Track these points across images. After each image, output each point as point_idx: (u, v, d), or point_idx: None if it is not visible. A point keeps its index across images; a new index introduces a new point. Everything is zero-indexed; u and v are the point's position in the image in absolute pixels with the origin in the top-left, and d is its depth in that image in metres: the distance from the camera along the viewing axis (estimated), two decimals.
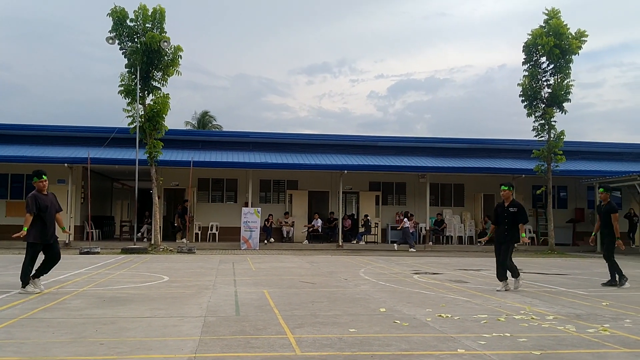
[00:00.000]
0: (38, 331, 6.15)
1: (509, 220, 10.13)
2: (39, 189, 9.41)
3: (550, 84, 24.40)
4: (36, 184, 9.45)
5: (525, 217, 10.29)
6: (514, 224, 10.14)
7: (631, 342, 5.92)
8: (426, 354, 5.29)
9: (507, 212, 10.16)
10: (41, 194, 9.37)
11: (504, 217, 10.19)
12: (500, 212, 10.33)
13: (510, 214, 10.13)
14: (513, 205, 10.23)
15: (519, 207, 10.24)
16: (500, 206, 10.40)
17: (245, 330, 6.31)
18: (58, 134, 27.40)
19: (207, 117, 48.93)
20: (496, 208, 10.59)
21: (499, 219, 10.32)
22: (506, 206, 10.25)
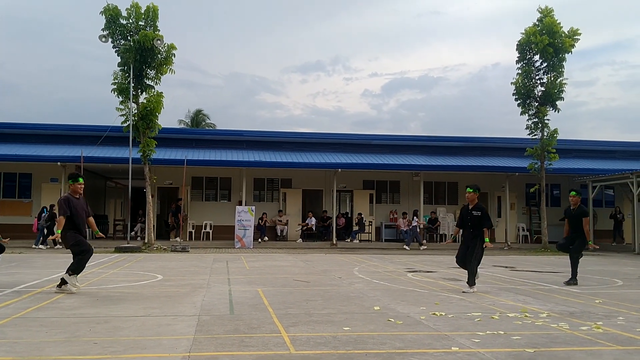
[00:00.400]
0: (31, 330, 6.13)
1: (472, 224, 9.84)
2: (72, 191, 9.45)
3: (544, 83, 24.48)
4: (71, 186, 9.49)
5: (490, 222, 9.91)
6: (478, 227, 9.78)
7: (624, 340, 5.94)
8: (420, 352, 5.30)
9: (471, 216, 9.88)
10: (73, 197, 9.38)
11: (468, 220, 9.92)
12: (464, 215, 10.09)
13: (473, 217, 9.84)
14: (477, 209, 9.91)
15: (482, 211, 9.90)
16: (465, 209, 10.16)
17: (240, 329, 6.30)
18: (51, 133, 27.31)
19: (200, 115, 48.83)
20: (461, 211, 10.35)
21: (464, 222, 10.07)
22: (470, 209, 9.98)
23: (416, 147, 29.54)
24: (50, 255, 17.68)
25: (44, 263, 14.91)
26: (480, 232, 9.75)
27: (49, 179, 25.24)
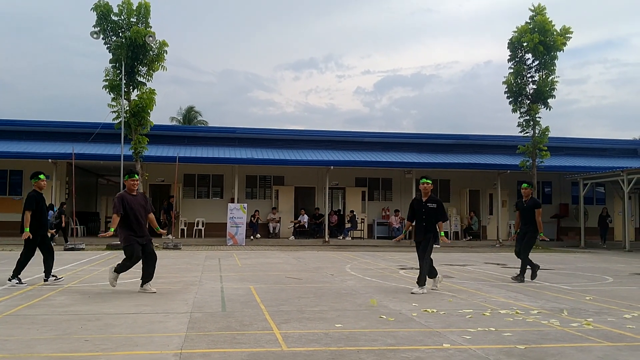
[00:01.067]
0: (22, 328, 6.10)
1: (427, 217, 9.26)
2: (128, 188, 9.13)
3: (535, 80, 24.60)
4: (126, 183, 9.20)
5: (445, 215, 9.53)
6: (433, 221, 9.29)
7: (614, 336, 5.99)
8: (412, 349, 5.32)
9: (426, 208, 9.30)
10: (129, 194, 9.04)
11: (422, 213, 9.31)
12: (417, 208, 9.43)
13: (428, 210, 9.28)
14: (432, 200, 9.39)
15: (438, 203, 9.41)
16: (418, 201, 9.52)
17: (232, 326, 6.30)
18: (42, 129, 27.20)
19: (192, 112, 48.70)
20: (412, 203, 9.65)
21: (416, 215, 9.44)
22: (424, 202, 9.37)
23: (408, 145, 29.61)
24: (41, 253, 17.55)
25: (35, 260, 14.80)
26: (434, 227, 9.28)
27: None
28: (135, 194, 9.10)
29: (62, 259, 15.26)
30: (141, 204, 9.06)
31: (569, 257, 18.97)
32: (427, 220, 9.24)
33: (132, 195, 9.05)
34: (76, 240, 21.14)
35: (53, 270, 10.22)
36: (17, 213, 24.83)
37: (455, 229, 27.41)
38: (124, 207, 8.84)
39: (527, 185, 11.45)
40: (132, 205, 8.90)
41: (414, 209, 9.51)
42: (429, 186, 9.43)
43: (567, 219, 28.34)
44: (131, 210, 8.86)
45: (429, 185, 9.44)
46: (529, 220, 11.16)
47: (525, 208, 11.26)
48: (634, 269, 14.23)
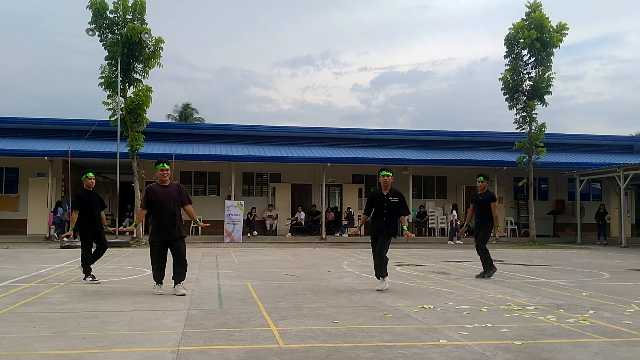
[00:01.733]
0: (19, 326, 6.09)
1: (388, 211, 8.91)
2: (158, 179, 8.47)
3: (532, 77, 24.64)
4: (156, 173, 8.49)
5: (407, 209, 9.20)
6: (395, 215, 8.95)
7: (610, 332, 6.00)
8: (409, 345, 5.33)
9: (387, 202, 8.92)
10: (160, 185, 8.39)
11: (383, 207, 8.93)
12: (378, 201, 9.00)
13: (390, 203, 8.92)
14: (394, 194, 9.00)
15: (400, 196, 9.06)
16: (379, 195, 9.06)
17: (229, 323, 6.30)
18: (38, 127, 27.13)
19: (189, 109, 48.64)
20: (372, 196, 9.18)
21: (376, 208, 9.03)
22: (385, 195, 8.97)
23: (405, 142, 29.63)
24: (38, 250, 17.56)
25: (31, 258, 14.82)
26: (394, 221, 8.95)
27: (36, 173, 25.05)
28: (166, 185, 8.41)
29: (59, 256, 15.26)
30: (173, 196, 8.32)
31: (565, 253, 19.02)
32: (387, 214, 8.90)
33: (163, 187, 8.38)
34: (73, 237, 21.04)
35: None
36: (13, 211, 24.94)
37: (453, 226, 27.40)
38: (149, 201, 8.27)
39: (483, 179, 11.12)
40: (160, 198, 8.22)
41: (374, 202, 9.04)
42: (389, 179, 9.01)
43: (564, 215, 28.40)
44: (158, 203, 8.21)
45: (389, 177, 9.01)
46: (485, 214, 10.91)
47: (481, 201, 10.96)
48: (630, 265, 14.28)
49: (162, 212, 8.21)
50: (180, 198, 8.42)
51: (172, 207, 8.28)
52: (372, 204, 9.09)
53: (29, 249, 18.17)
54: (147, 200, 8.30)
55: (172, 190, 8.39)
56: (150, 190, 8.35)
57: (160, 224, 8.22)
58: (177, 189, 8.51)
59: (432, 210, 27.39)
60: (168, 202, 8.24)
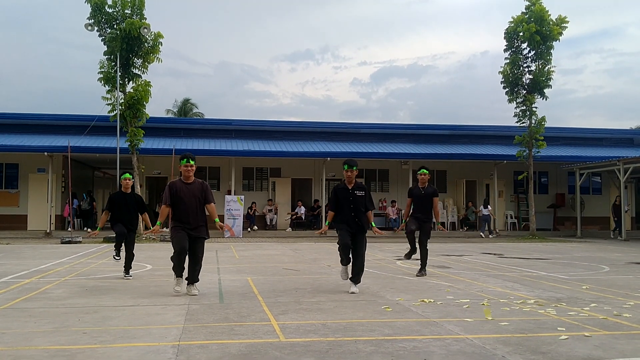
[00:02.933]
0: (20, 321, 6.09)
1: (355, 206, 8.35)
2: (182, 175, 8.00)
3: (532, 70, 24.60)
4: (180, 168, 8.03)
5: (373, 203, 8.72)
6: (361, 210, 8.42)
7: (610, 325, 6.01)
8: (409, 339, 5.33)
9: (353, 197, 8.37)
10: (183, 182, 7.93)
11: (349, 201, 8.36)
12: (343, 196, 8.42)
13: (356, 197, 8.38)
14: (359, 188, 8.48)
15: (365, 190, 8.56)
16: (343, 189, 8.49)
17: (229, 318, 6.31)
18: (38, 123, 27.10)
19: (188, 104, 48.55)
20: (336, 191, 8.59)
21: (343, 203, 8.40)
22: (351, 189, 8.42)
23: (405, 136, 29.60)
24: (38, 246, 17.58)
25: (32, 254, 14.83)
26: (364, 217, 8.43)
27: (36, 169, 25.04)
28: (190, 182, 7.94)
29: (59, 252, 15.27)
30: (195, 194, 7.87)
31: (565, 246, 19.03)
32: (355, 209, 8.33)
33: (186, 183, 7.91)
34: (73, 233, 21.11)
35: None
36: (13, 207, 24.94)
37: (452, 220, 27.47)
38: (172, 197, 7.86)
39: (426, 171, 10.38)
40: (182, 195, 7.81)
41: (339, 197, 8.48)
42: (353, 173, 8.46)
43: (564, 209, 28.41)
44: (180, 201, 7.80)
45: (353, 172, 8.46)
46: (426, 208, 10.28)
47: (424, 196, 10.30)
48: (630, 258, 14.29)
49: (183, 211, 7.79)
50: (203, 196, 7.97)
51: (195, 205, 7.85)
52: (337, 199, 8.51)
53: (29, 245, 18.19)
54: (170, 197, 7.86)
55: (195, 188, 7.91)
56: (172, 186, 7.94)
57: (181, 222, 7.79)
58: (200, 186, 7.99)
59: None
60: (190, 200, 7.81)
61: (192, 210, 7.80)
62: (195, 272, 7.93)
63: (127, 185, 9.88)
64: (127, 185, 9.88)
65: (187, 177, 7.92)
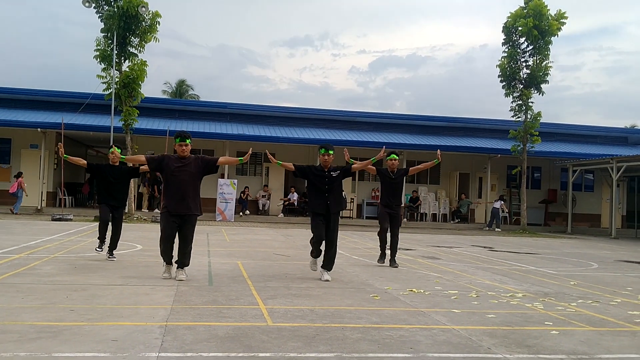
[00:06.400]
0: (7, 296, 6.07)
1: (330, 188, 8.17)
2: (178, 153, 7.66)
3: (529, 65, 24.58)
4: (175, 147, 7.69)
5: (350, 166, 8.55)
6: (339, 191, 8.35)
7: (596, 321, 6.05)
8: (396, 327, 5.35)
9: (329, 178, 8.18)
10: (178, 158, 7.60)
11: (325, 183, 8.17)
12: (317, 179, 8.23)
13: (333, 179, 8.20)
14: (334, 169, 8.29)
15: (342, 169, 8.41)
16: (318, 170, 8.31)
17: (218, 300, 6.31)
18: (31, 98, 26.86)
19: (184, 86, 48.31)
20: (310, 168, 8.44)
21: (317, 187, 8.23)
22: (327, 171, 8.23)
23: (400, 126, 29.57)
24: (29, 222, 17.52)
25: (22, 229, 14.78)
26: (339, 198, 8.36)
27: (28, 145, 24.89)
28: (185, 159, 7.59)
29: (49, 229, 15.22)
30: (190, 171, 7.54)
31: (555, 242, 19.13)
32: (329, 191, 8.15)
33: (181, 159, 7.58)
34: (64, 210, 21.03)
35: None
36: (5, 182, 24.79)
37: (444, 212, 27.55)
38: (161, 168, 7.60)
39: (396, 157, 10.20)
40: (174, 170, 7.48)
41: (311, 180, 8.31)
42: (330, 158, 8.25)
43: (555, 205, 28.53)
44: (171, 176, 7.50)
45: (330, 157, 8.24)
46: (398, 193, 10.14)
47: (394, 179, 10.07)
48: (619, 256, 14.38)
49: (174, 186, 7.49)
50: (202, 170, 7.65)
51: (187, 182, 7.50)
52: (307, 174, 8.32)
53: (20, 221, 18.12)
54: (156, 161, 7.66)
55: (190, 165, 7.57)
56: (166, 157, 7.67)
57: (171, 199, 7.50)
58: (196, 162, 7.63)
59: (425, 195, 27.45)
60: (183, 177, 7.49)
61: (183, 187, 7.49)
62: (185, 256, 7.67)
63: (115, 159, 9.57)
64: (115, 159, 9.56)
65: (183, 156, 7.61)
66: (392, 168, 10.10)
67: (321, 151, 8.29)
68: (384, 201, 10.08)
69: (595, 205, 29.27)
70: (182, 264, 7.68)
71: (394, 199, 10.05)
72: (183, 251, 7.68)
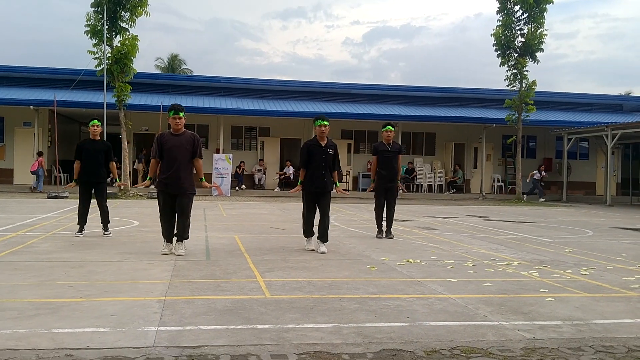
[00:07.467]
0: (5, 274, 6.09)
1: (326, 164, 8.26)
2: (172, 127, 7.68)
3: (524, 33, 24.37)
4: (169, 120, 7.69)
5: (340, 165, 8.65)
6: (331, 169, 8.38)
7: (591, 287, 6.11)
8: (393, 297, 5.40)
9: (326, 154, 8.25)
10: (172, 134, 7.63)
11: (322, 159, 8.23)
12: (317, 153, 8.25)
13: (329, 156, 8.29)
14: (331, 146, 8.35)
15: (336, 149, 8.47)
16: (316, 146, 8.30)
17: (216, 274, 6.34)
18: (23, 76, 26.58)
19: (176, 60, 47.89)
20: (308, 148, 8.33)
21: (315, 161, 8.23)
22: (324, 146, 8.27)
23: (395, 97, 29.44)
24: (24, 200, 17.49)
25: (18, 208, 14.77)
26: (331, 176, 8.39)
27: (22, 122, 24.73)
28: (179, 134, 7.61)
29: (46, 206, 15.21)
30: (185, 146, 7.56)
31: (550, 210, 19.22)
32: (326, 167, 8.24)
33: (175, 135, 7.60)
34: (60, 188, 20.98)
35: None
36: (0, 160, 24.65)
37: (440, 182, 27.61)
38: (160, 149, 7.60)
39: (391, 128, 10.02)
40: (170, 146, 7.51)
41: (311, 154, 8.26)
42: (326, 129, 8.27)
43: (551, 174, 28.61)
44: (168, 152, 7.51)
45: (326, 127, 8.27)
46: (394, 165, 9.95)
47: (390, 152, 9.93)
48: (613, 223, 14.47)
49: (169, 162, 7.52)
50: (193, 149, 7.64)
51: (181, 157, 7.53)
52: (310, 156, 8.27)
53: (15, 199, 18.08)
54: (158, 149, 7.61)
55: (185, 141, 7.58)
56: (160, 137, 7.65)
57: (166, 175, 7.54)
58: (191, 139, 7.65)
59: (420, 166, 27.48)
60: (177, 152, 7.51)
61: (178, 162, 7.51)
62: (184, 228, 7.70)
63: (95, 133, 9.46)
64: (95, 132, 9.46)
65: (177, 129, 7.60)
66: (387, 140, 10.03)
67: (317, 123, 8.31)
68: (379, 174, 10.01)
69: (590, 173, 29.36)
70: (181, 237, 7.75)
71: (389, 170, 9.95)
72: (182, 225, 7.72)
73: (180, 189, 7.58)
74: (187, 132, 7.72)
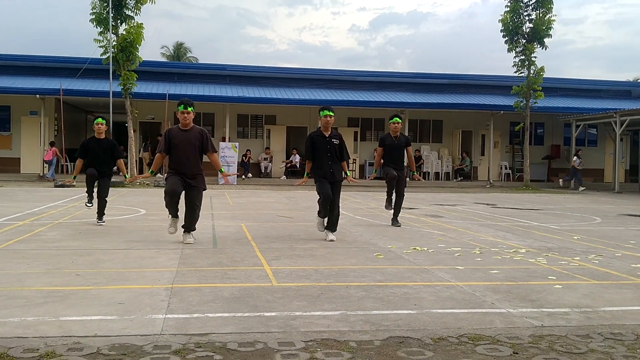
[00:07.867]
0: (13, 262, 6.11)
1: (332, 154, 8.30)
2: (180, 122, 7.62)
3: (532, 19, 24.15)
4: (178, 115, 7.68)
5: (348, 153, 8.72)
6: (339, 159, 8.43)
7: (599, 274, 6.08)
8: (400, 285, 5.38)
9: (331, 145, 8.28)
10: (180, 129, 7.58)
11: (327, 149, 8.27)
12: (321, 144, 8.29)
13: (334, 146, 8.32)
14: (335, 136, 8.41)
15: (341, 139, 8.50)
16: (320, 137, 8.34)
17: (222, 262, 6.34)
18: (29, 64, 26.64)
19: (182, 48, 47.81)
20: (313, 139, 8.37)
21: (320, 152, 8.28)
22: (328, 137, 8.32)
23: (402, 84, 29.31)
24: (32, 189, 17.56)
25: (25, 196, 14.82)
26: (340, 166, 8.46)
27: (28, 111, 24.78)
28: (188, 129, 7.57)
29: (53, 195, 15.27)
30: (192, 142, 7.50)
31: (558, 197, 19.14)
32: (332, 158, 8.28)
33: (183, 130, 7.54)
34: (67, 176, 21.05)
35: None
36: (6, 149, 24.80)
37: (447, 170, 27.54)
38: (167, 144, 7.54)
39: (399, 120, 10.04)
40: (178, 142, 7.47)
41: (315, 146, 8.30)
42: (331, 119, 8.30)
43: (559, 160, 28.47)
44: (176, 148, 7.47)
45: (331, 118, 8.30)
46: (401, 158, 10.06)
47: (397, 145, 9.96)
48: (622, 210, 14.40)
49: (179, 158, 7.48)
50: (202, 145, 7.58)
51: (191, 153, 7.50)
52: (314, 148, 8.32)
53: (23, 188, 18.16)
54: (165, 145, 7.53)
55: (193, 136, 7.53)
56: (168, 133, 7.61)
57: (175, 172, 7.51)
58: (199, 134, 7.60)
59: (427, 154, 27.40)
60: (186, 148, 7.47)
61: (188, 159, 7.49)
62: (192, 221, 7.68)
63: (100, 131, 9.45)
64: (100, 130, 9.45)
65: (185, 124, 7.53)
66: (395, 132, 10.01)
67: (322, 113, 8.30)
68: (387, 165, 10.04)
69: (599, 159, 29.18)
70: (189, 228, 7.71)
71: (396, 163, 9.98)
72: (190, 218, 7.68)
73: (191, 182, 7.55)
74: (195, 127, 7.70)
